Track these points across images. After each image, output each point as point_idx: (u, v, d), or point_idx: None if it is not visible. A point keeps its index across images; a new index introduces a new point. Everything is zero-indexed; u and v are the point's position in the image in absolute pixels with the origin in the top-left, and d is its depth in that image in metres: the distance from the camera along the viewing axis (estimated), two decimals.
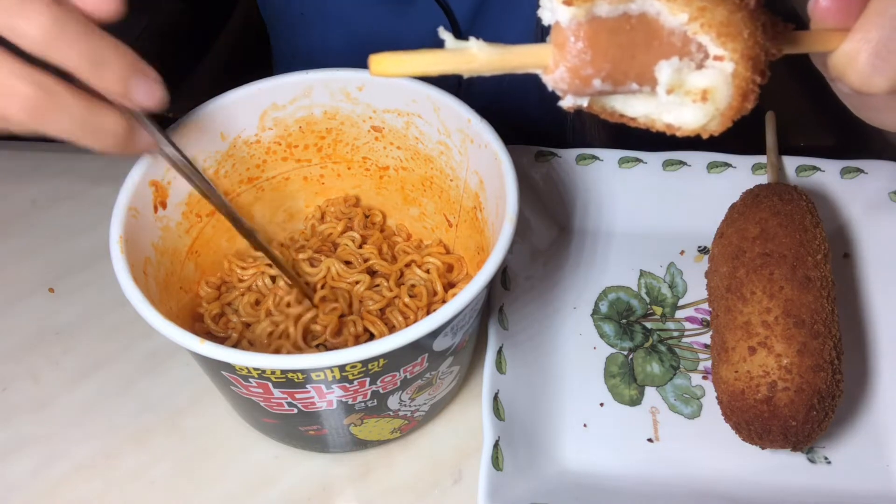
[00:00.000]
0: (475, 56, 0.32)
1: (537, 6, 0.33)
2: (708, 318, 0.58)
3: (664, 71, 0.32)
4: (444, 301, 0.53)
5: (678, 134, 0.33)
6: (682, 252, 0.62)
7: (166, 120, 0.50)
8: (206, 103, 0.51)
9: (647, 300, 0.60)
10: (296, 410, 0.45)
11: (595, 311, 0.59)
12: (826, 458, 0.51)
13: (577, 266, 0.62)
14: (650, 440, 0.53)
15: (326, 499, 0.51)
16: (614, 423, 0.53)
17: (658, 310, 0.59)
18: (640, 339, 0.58)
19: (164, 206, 0.50)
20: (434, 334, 0.42)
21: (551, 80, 0.32)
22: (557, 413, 0.54)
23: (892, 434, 0.52)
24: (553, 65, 0.32)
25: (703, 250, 0.62)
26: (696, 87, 0.32)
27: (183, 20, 0.94)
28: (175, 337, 0.41)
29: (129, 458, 0.53)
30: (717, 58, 0.31)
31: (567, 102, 0.33)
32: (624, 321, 0.59)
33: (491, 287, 0.45)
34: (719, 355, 0.50)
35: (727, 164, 0.62)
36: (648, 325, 0.58)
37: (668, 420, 0.53)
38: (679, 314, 0.59)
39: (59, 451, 0.54)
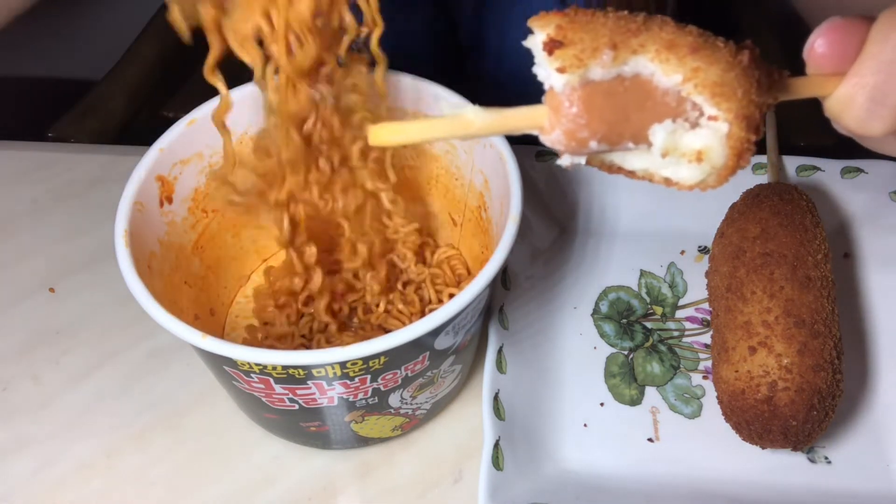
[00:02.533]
0: (471, 122, 0.32)
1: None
2: (708, 317, 0.58)
3: (658, 135, 0.31)
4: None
5: (677, 188, 0.33)
6: (682, 252, 0.62)
7: (166, 119, 0.51)
8: (207, 102, 0.51)
9: (648, 300, 0.60)
10: (297, 406, 0.45)
11: (595, 311, 0.59)
12: (826, 458, 0.51)
13: (578, 266, 0.62)
14: (650, 440, 0.53)
15: (327, 498, 0.51)
16: (614, 422, 0.53)
17: (658, 310, 0.59)
18: (641, 338, 0.58)
19: (169, 200, 0.50)
20: (435, 333, 0.42)
21: (548, 141, 0.32)
22: (557, 413, 0.54)
23: (892, 434, 0.52)
24: (549, 127, 0.32)
25: (703, 250, 0.62)
26: (691, 148, 0.31)
27: None
28: (178, 332, 0.41)
29: (129, 458, 0.53)
30: (711, 118, 0.31)
31: (565, 161, 0.33)
32: (624, 321, 0.59)
33: (491, 287, 0.45)
34: (719, 355, 0.50)
35: None
36: (649, 324, 0.58)
37: (669, 420, 0.53)
38: (679, 314, 0.59)
39: (59, 451, 0.54)
